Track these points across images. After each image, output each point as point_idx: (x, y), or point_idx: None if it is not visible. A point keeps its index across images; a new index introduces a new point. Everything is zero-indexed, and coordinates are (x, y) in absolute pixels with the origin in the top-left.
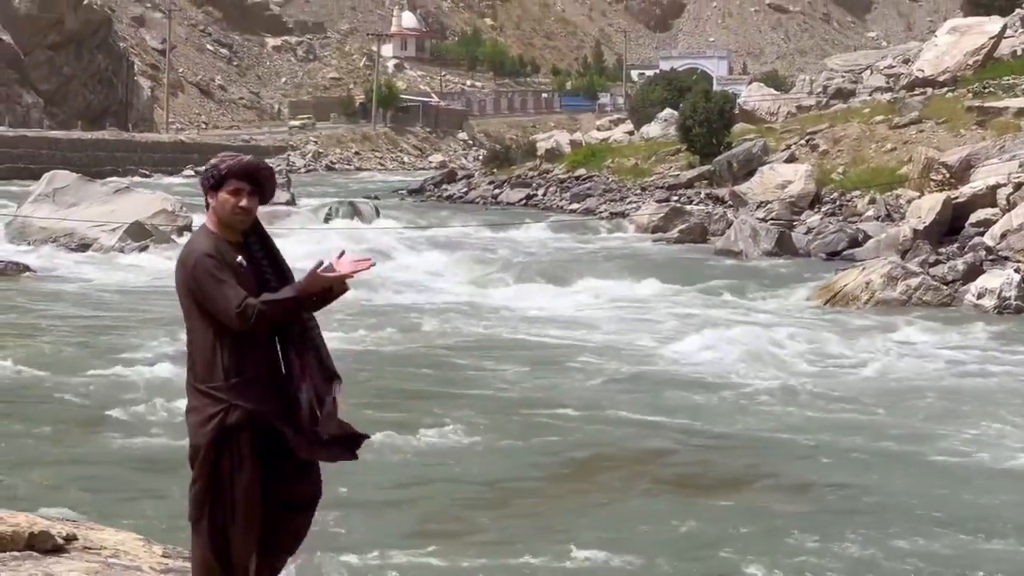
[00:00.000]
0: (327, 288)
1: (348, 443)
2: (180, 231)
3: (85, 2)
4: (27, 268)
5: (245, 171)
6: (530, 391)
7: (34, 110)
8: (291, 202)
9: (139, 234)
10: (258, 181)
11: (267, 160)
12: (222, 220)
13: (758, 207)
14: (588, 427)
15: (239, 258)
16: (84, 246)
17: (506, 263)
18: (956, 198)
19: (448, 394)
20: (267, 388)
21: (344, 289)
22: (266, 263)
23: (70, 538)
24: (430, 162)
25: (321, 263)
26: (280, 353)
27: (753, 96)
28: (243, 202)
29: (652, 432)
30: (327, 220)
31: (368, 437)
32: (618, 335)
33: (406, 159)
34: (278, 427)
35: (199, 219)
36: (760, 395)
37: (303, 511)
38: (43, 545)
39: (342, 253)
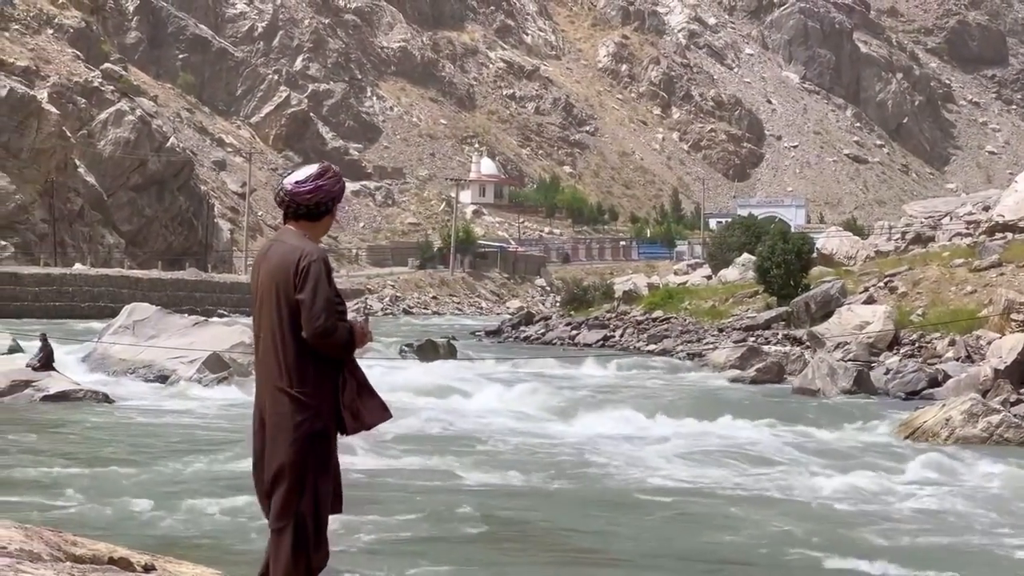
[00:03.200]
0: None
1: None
2: None
3: (167, 145)
4: (106, 398)
5: None
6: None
7: (116, 250)
8: (369, 340)
9: (217, 366)
10: None
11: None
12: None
13: (836, 348)
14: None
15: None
16: (163, 377)
17: (584, 400)
18: None
19: (586, 543)
20: (337, 395)
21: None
22: None
23: (148, 568)
24: (507, 307)
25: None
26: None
27: (831, 238)
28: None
29: None
30: (402, 354)
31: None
32: (717, 475)
33: (484, 304)
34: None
35: None
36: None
37: None
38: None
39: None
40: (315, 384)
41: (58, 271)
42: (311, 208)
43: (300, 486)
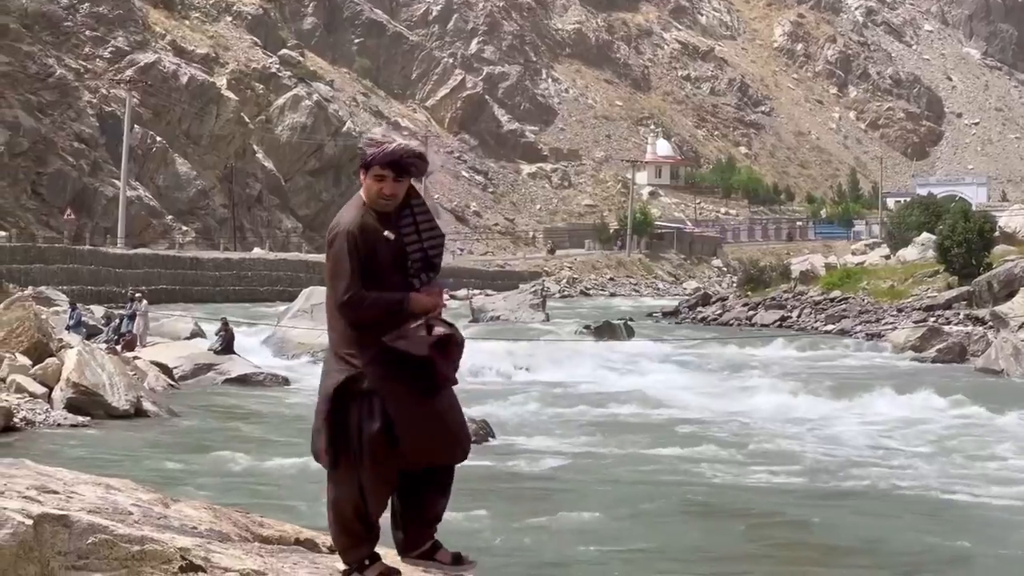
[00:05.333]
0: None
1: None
2: None
3: (344, 129)
4: (286, 380)
5: (388, 160)
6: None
7: (293, 234)
8: (546, 321)
9: None
10: (403, 168)
11: (522, 286)
12: (368, 195)
13: (1020, 327)
14: None
15: (386, 232)
16: None
17: (773, 382)
18: None
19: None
20: (398, 356)
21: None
22: (415, 237)
23: (334, 549)
24: (684, 288)
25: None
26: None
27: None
28: (386, 189)
29: None
30: (579, 335)
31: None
32: (941, 462)
33: (660, 285)
34: (407, 385)
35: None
36: None
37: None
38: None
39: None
40: (360, 346)
41: (237, 256)
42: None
43: (339, 432)
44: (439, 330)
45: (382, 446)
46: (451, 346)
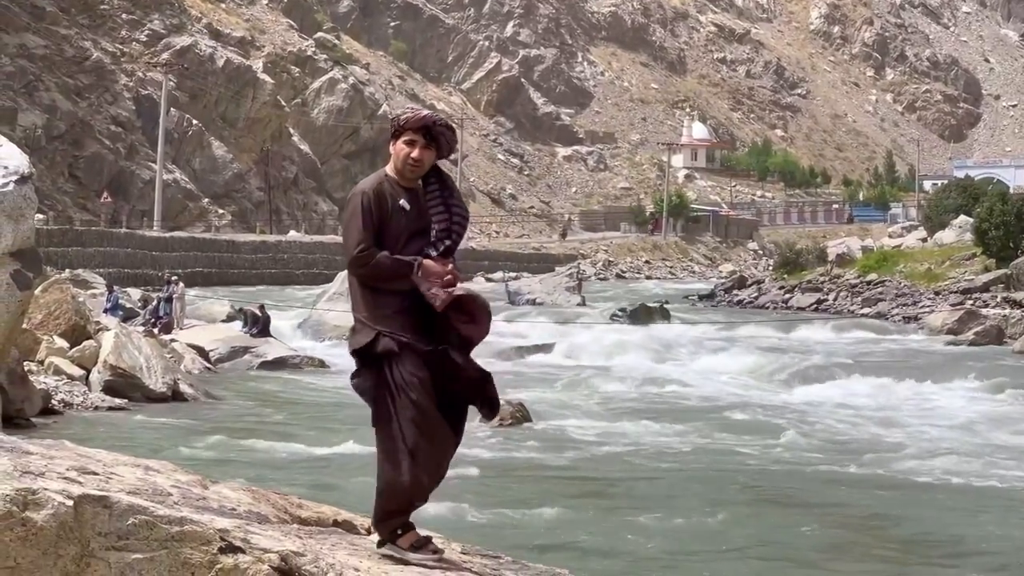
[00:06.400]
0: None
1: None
2: None
3: (380, 112)
4: (322, 363)
5: (421, 124)
6: None
7: (329, 217)
8: (582, 304)
9: None
10: (432, 135)
11: (558, 268)
12: (397, 168)
13: None
14: None
15: (402, 200)
16: None
17: (814, 366)
18: None
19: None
20: (411, 321)
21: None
22: (441, 208)
23: (371, 531)
24: (720, 271)
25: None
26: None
27: None
28: (415, 153)
29: None
30: (614, 319)
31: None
32: (996, 452)
33: (696, 268)
34: (427, 350)
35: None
36: None
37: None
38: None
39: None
40: (371, 309)
41: (273, 238)
42: None
43: (389, 392)
44: (458, 290)
45: (416, 411)
46: (471, 306)
